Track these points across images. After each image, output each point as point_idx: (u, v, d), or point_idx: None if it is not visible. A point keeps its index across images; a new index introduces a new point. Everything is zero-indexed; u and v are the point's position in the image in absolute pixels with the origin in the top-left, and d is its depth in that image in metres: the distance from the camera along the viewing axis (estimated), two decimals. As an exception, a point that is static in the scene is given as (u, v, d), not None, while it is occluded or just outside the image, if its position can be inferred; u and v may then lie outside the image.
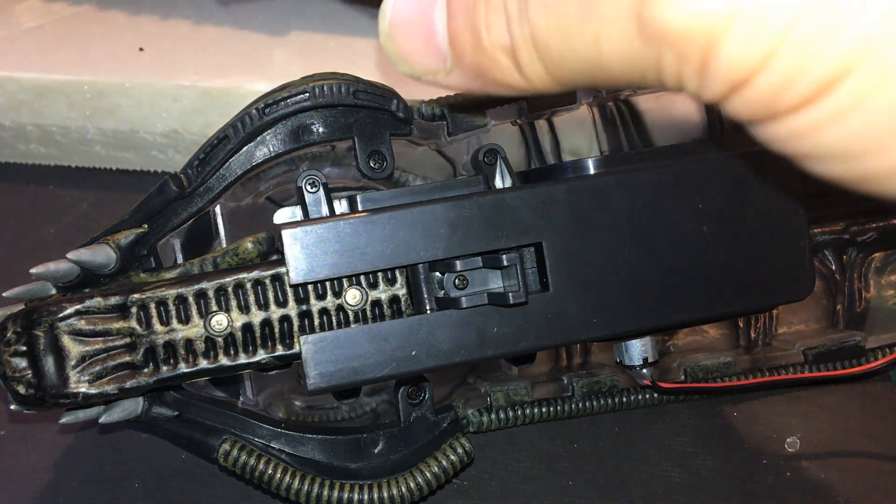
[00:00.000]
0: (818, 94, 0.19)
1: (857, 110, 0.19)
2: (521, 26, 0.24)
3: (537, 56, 0.24)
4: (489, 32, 0.24)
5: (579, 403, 0.43)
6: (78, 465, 0.42)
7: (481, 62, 0.25)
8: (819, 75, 0.19)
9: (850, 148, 0.20)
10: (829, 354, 0.45)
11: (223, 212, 0.40)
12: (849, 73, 0.19)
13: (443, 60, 0.27)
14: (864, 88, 0.19)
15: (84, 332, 0.35)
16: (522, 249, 0.36)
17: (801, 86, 0.19)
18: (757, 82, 0.20)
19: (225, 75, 0.51)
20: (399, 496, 0.38)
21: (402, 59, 0.28)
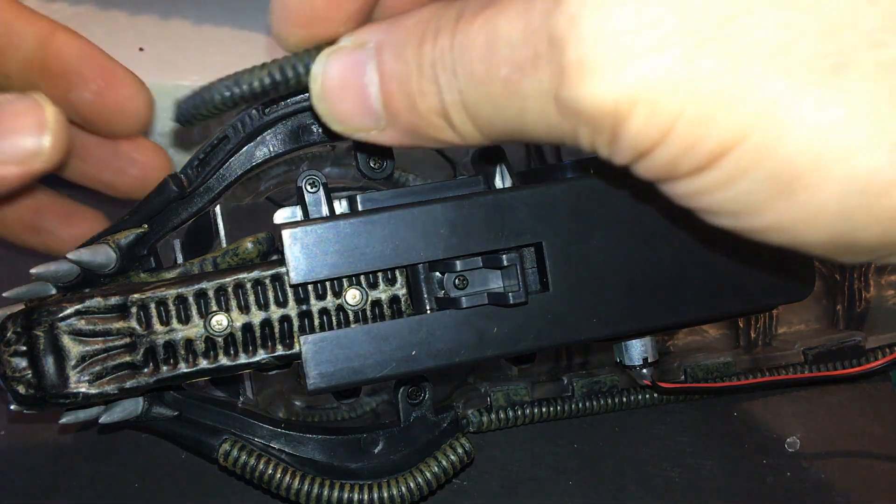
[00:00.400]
0: (706, 166, 0.23)
1: (739, 180, 0.23)
2: (453, 94, 0.26)
3: (468, 118, 0.27)
4: (423, 98, 0.27)
5: (579, 403, 0.43)
6: (78, 465, 0.42)
7: (416, 123, 0.28)
8: (705, 151, 0.23)
9: (737, 208, 0.24)
10: (829, 354, 0.45)
11: (223, 212, 0.40)
12: (729, 151, 0.22)
13: (376, 120, 0.29)
14: (743, 164, 0.22)
15: (84, 332, 0.35)
16: (522, 249, 0.36)
17: (691, 159, 0.23)
18: (656, 154, 0.23)
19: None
20: (399, 496, 0.38)
21: (335, 120, 0.30)
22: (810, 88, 0.21)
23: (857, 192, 0.22)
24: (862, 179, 0.22)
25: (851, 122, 0.21)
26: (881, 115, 0.21)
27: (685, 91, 0.22)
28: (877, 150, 0.21)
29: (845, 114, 0.21)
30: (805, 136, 0.22)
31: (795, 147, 0.22)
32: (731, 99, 0.22)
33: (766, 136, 0.22)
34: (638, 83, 0.22)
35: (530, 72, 0.24)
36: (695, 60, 0.22)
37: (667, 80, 0.22)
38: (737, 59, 0.21)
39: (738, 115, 0.22)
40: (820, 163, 0.22)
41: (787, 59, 0.21)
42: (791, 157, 0.22)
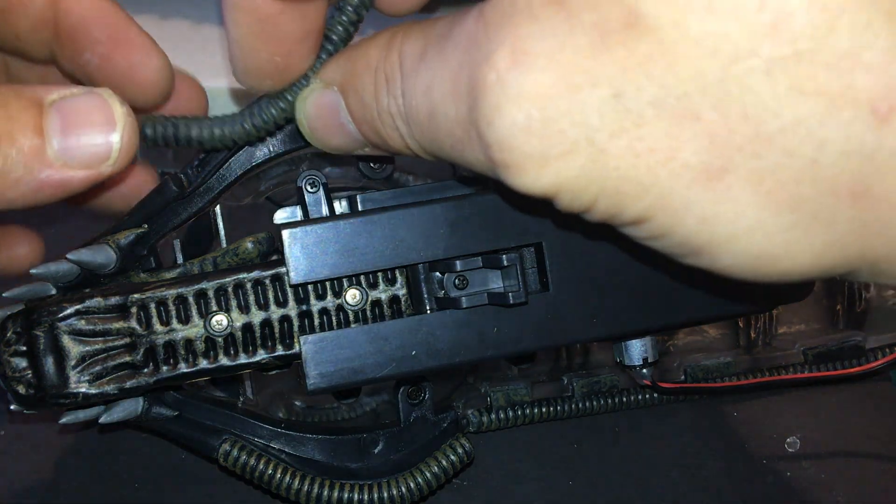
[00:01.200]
0: (636, 225, 0.26)
1: (657, 241, 0.27)
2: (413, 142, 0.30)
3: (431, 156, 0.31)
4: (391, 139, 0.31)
5: (579, 403, 0.43)
6: (78, 465, 0.42)
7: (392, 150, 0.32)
8: (625, 222, 0.27)
9: (680, 254, 0.27)
10: (829, 354, 0.45)
11: (223, 212, 0.40)
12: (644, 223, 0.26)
13: (363, 144, 0.33)
14: (657, 233, 0.26)
15: (84, 332, 0.35)
16: (522, 249, 0.36)
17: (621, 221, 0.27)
18: (591, 216, 0.27)
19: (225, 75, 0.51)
20: (399, 496, 0.38)
21: (332, 149, 0.34)
22: (696, 189, 0.25)
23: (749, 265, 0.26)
24: (750, 255, 0.26)
25: (735, 216, 0.25)
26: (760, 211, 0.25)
27: (596, 187, 0.26)
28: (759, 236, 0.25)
29: (729, 209, 0.25)
30: (697, 224, 0.25)
31: (690, 230, 0.26)
32: (633, 194, 0.25)
33: (667, 220, 0.26)
34: (555, 181, 0.26)
35: (469, 149, 0.27)
36: (599, 162, 0.25)
37: (580, 177, 0.25)
38: (631, 163, 0.25)
39: (642, 205, 0.25)
40: (713, 241, 0.26)
41: (675, 165, 0.25)
42: (689, 237, 0.26)
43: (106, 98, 0.33)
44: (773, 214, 0.25)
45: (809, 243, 0.25)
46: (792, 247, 0.25)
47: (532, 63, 0.25)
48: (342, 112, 0.32)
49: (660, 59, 0.24)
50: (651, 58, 0.24)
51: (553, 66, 0.25)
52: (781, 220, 0.25)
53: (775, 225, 0.25)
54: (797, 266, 0.26)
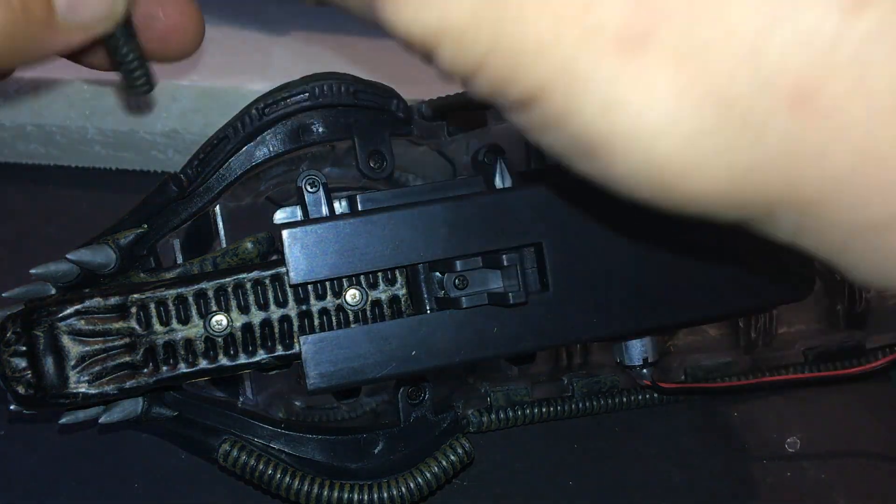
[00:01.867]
0: (521, 108, 0.22)
1: (551, 130, 0.22)
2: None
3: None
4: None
5: (579, 403, 0.43)
6: (78, 465, 0.41)
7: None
8: (515, 95, 0.22)
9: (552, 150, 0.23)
10: (829, 354, 0.45)
11: (223, 212, 0.40)
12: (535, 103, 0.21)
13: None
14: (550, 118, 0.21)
15: (84, 332, 0.35)
16: (522, 249, 0.36)
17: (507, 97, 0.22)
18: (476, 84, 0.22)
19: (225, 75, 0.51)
20: (399, 496, 0.38)
21: None
22: (608, 60, 0.20)
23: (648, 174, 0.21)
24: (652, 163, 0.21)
25: (645, 105, 0.20)
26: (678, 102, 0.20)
27: (486, 38, 0.21)
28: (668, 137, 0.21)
29: (640, 94, 0.20)
30: (598, 110, 0.21)
31: (588, 118, 0.21)
32: (529, 55, 0.21)
33: (563, 97, 0.21)
34: (441, 19, 0.21)
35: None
36: (497, 4, 0.20)
37: (470, 22, 0.21)
38: (536, 13, 0.20)
39: (539, 71, 0.21)
40: (612, 138, 0.21)
41: (589, 20, 0.20)
42: (585, 126, 0.21)
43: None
44: (692, 111, 0.20)
45: (729, 158, 0.21)
46: (708, 159, 0.21)
47: None
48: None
49: None
50: None
51: None
52: (702, 121, 0.20)
53: (692, 125, 0.20)
54: (707, 187, 0.21)
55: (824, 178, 0.20)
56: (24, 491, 0.41)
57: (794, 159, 0.20)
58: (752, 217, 0.22)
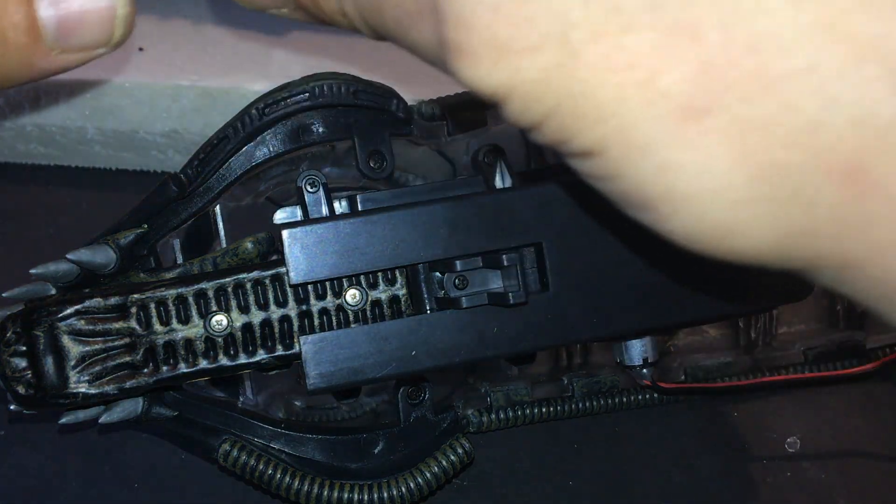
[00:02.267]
0: (585, 157, 0.23)
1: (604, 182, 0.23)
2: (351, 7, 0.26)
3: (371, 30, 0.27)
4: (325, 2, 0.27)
5: (579, 403, 0.43)
6: (78, 465, 0.41)
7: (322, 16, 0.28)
8: (575, 150, 0.23)
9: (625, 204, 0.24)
10: (829, 354, 0.45)
11: (223, 212, 0.40)
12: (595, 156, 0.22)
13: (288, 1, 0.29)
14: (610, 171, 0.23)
15: (84, 332, 0.35)
16: (522, 249, 0.36)
17: (569, 149, 0.23)
18: (538, 135, 0.23)
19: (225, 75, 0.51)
20: (399, 496, 0.38)
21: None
22: (667, 126, 0.21)
23: (700, 232, 0.23)
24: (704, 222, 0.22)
25: (703, 170, 0.21)
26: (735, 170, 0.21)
27: (553, 98, 0.22)
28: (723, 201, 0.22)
29: (698, 161, 0.21)
30: (655, 172, 0.22)
31: (645, 177, 0.22)
32: (592, 117, 0.22)
33: (622, 157, 0.22)
34: (511, 79, 0.22)
35: (417, 26, 0.24)
36: (566, 69, 0.21)
37: (537, 82, 0.22)
38: (602, 76, 0.21)
39: (599, 132, 0.22)
40: (666, 196, 0.22)
41: (653, 89, 0.21)
42: (642, 185, 0.22)
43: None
44: (748, 179, 0.21)
45: (778, 223, 0.22)
46: (758, 223, 0.22)
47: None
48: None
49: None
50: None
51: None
52: (755, 189, 0.21)
53: (746, 192, 0.21)
54: (754, 247, 0.22)
55: (869, 245, 0.21)
56: (24, 491, 0.41)
57: (841, 228, 0.21)
58: (793, 270, 0.24)
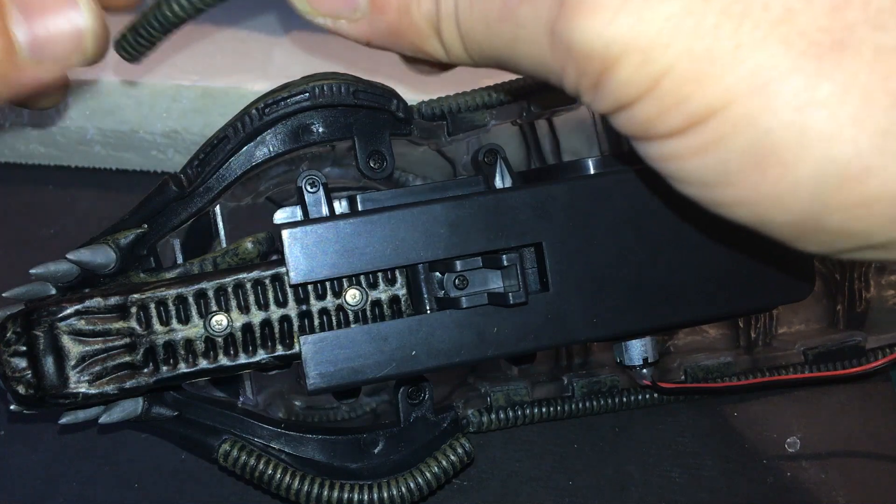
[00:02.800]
0: (686, 128, 0.23)
1: (715, 148, 0.22)
2: (449, 6, 0.26)
3: (458, 35, 0.26)
4: (419, 2, 0.26)
5: (579, 403, 0.43)
6: (78, 465, 0.42)
7: (402, 25, 0.27)
8: (688, 113, 0.22)
9: (707, 178, 0.23)
10: (829, 354, 0.45)
11: (223, 212, 0.40)
12: (712, 116, 0.22)
13: (352, 9, 0.27)
14: (723, 132, 0.22)
15: (84, 332, 0.35)
16: (522, 249, 0.36)
17: (673, 119, 0.23)
18: (638, 107, 0.23)
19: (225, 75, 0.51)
20: (399, 496, 0.38)
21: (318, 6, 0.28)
22: (805, 62, 0.21)
23: (834, 175, 0.22)
24: (841, 163, 0.21)
25: (840, 103, 0.21)
26: (871, 100, 0.21)
27: (680, 46, 0.21)
28: (861, 134, 0.21)
29: (835, 94, 0.21)
30: (791, 111, 0.21)
31: (779, 121, 0.21)
32: (725, 61, 0.21)
33: (751, 105, 0.22)
34: (634, 29, 0.22)
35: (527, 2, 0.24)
36: (696, 14, 0.21)
37: (664, 31, 0.21)
38: (739, 20, 0.21)
39: (729, 80, 0.21)
40: (801, 140, 0.21)
41: (788, 29, 0.21)
42: (773, 131, 0.22)
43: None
44: (883, 109, 0.21)
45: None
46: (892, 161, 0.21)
47: None
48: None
49: None
50: None
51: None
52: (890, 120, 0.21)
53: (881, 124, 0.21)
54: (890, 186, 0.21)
55: None
56: (24, 491, 0.41)
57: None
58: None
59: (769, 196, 0.23)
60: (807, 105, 0.21)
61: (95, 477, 0.41)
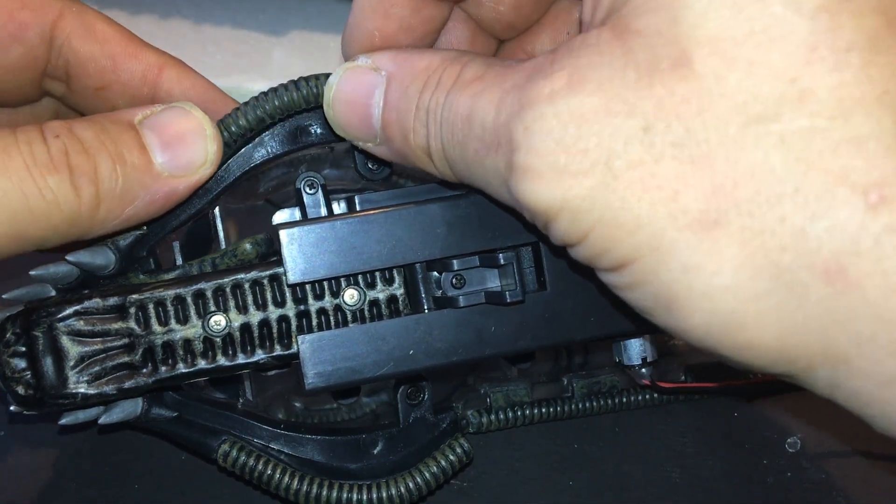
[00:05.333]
0: (617, 268, 0.28)
1: (639, 287, 0.28)
2: (437, 142, 0.32)
3: (446, 164, 0.32)
4: (414, 135, 0.32)
5: (579, 404, 0.43)
6: (78, 465, 0.42)
7: (405, 151, 0.33)
8: (613, 259, 0.28)
9: (644, 307, 0.28)
10: (829, 354, 0.45)
11: (222, 213, 0.40)
12: (630, 264, 0.27)
13: (374, 136, 0.34)
14: (640, 277, 0.27)
15: (83, 332, 0.35)
16: (520, 249, 0.36)
17: (606, 261, 0.28)
18: (579, 249, 0.28)
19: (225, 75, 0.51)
20: (398, 496, 0.38)
21: (339, 126, 0.35)
22: (688, 235, 0.26)
23: (717, 324, 0.27)
24: (721, 316, 0.26)
25: (714, 272, 0.26)
26: (739, 271, 0.26)
27: (597, 211, 0.27)
28: (733, 297, 0.26)
29: (711, 262, 0.26)
30: (679, 272, 0.26)
31: (672, 278, 0.27)
32: (628, 227, 0.27)
33: (652, 262, 0.27)
34: (563, 196, 0.27)
35: (492, 154, 0.29)
36: (607, 188, 0.27)
37: (586, 199, 0.27)
38: (637, 196, 0.26)
39: (633, 241, 0.27)
40: (689, 295, 0.26)
41: (675, 206, 0.26)
42: (668, 284, 0.27)
43: (189, 109, 0.35)
44: (751, 277, 0.26)
45: (778, 317, 0.26)
46: (762, 316, 0.26)
47: (584, 87, 0.27)
48: (375, 96, 0.33)
49: (694, 103, 0.26)
50: (686, 101, 0.26)
51: (601, 92, 0.27)
52: (757, 286, 0.26)
53: (750, 289, 0.26)
54: (761, 339, 0.26)
55: (851, 339, 0.25)
56: (24, 491, 0.41)
57: (829, 321, 0.25)
58: (796, 372, 0.27)
59: (680, 330, 0.28)
60: (690, 269, 0.26)
61: (95, 477, 0.41)
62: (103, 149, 0.33)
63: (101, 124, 0.34)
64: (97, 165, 0.33)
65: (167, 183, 0.34)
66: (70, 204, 0.32)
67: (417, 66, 0.33)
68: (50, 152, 0.32)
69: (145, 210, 0.35)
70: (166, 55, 0.41)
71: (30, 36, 0.39)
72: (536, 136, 0.28)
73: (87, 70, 0.40)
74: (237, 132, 0.37)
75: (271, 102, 0.36)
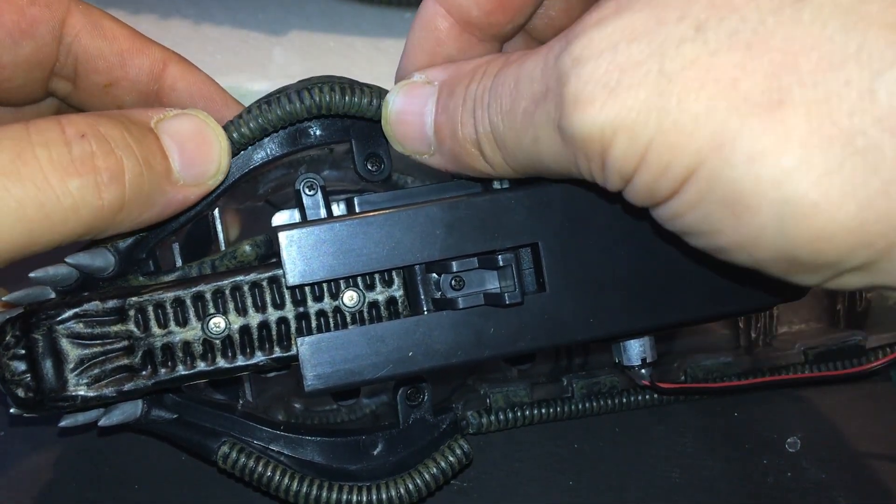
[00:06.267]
0: (677, 189, 0.27)
1: (701, 202, 0.27)
2: (485, 126, 0.32)
3: (497, 149, 0.32)
4: (462, 128, 0.33)
5: (579, 404, 0.43)
6: (78, 467, 0.42)
7: (456, 150, 0.33)
8: (673, 176, 0.27)
9: (703, 228, 0.28)
10: (829, 354, 0.45)
11: (221, 215, 0.40)
12: (692, 176, 0.26)
13: (428, 146, 0.35)
14: (702, 188, 0.26)
15: (82, 335, 0.35)
16: (519, 250, 0.36)
17: (665, 183, 0.27)
18: (637, 178, 0.28)
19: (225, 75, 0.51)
20: (398, 497, 0.38)
21: (397, 141, 0.36)
22: (751, 121, 0.25)
23: (789, 214, 0.25)
24: (792, 202, 0.25)
25: (783, 152, 0.25)
26: (809, 146, 0.25)
27: (654, 121, 0.26)
28: (803, 177, 0.25)
29: (778, 144, 0.25)
30: (745, 164, 0.25)
31: (738, 173, 0.26)
32: (689, 130, 0.26)
33: (716, 163, 0.26)
34: (618, 114, 0.27)
35: (542, 103, 0.29)
36: (664, 93, 0.26)
37: (641, 111, 0.26)
38: (696, 93, 0.26)
39: (695, 145, 0.26)
40: (757, 187, 0.25)
41: (735, 95, 0.25)
42: (734, 182, 0.26)
43: (203, 118, 0.35)
44: (822, 151, 0.25)
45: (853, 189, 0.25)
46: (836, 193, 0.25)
47: (632, 6, 0.27)
48: (428, 105, 0.34)
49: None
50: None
51: (649, 8, 0.27)
52: (828, 159, 0.25)
53: (821, 164, 0.25)
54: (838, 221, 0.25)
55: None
56: (24, 491, 0.41)
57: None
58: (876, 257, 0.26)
59: (749, 238, 0.27)
60: (756, 156, 0.25)
61: (95, 479, 0.41)
62: (131, 151, 0.32)
63: (124, 124, 0.33)
64: (125, 169, 0.32)
65: (182, 191, 0.34)
66: (90, 208, 0.31)
67: (465, 68, 0.33)
68: (72, 153, 0.31)
69: (158, 216, 0.34)
70: (169, 51, 0.42)
71: (41, 32, 0.39)
72: (586, 63, 0.27)
73: (96, 66, 0.40)
74: (240, 140, 0.36)
75: (274, 112, 0.36)
